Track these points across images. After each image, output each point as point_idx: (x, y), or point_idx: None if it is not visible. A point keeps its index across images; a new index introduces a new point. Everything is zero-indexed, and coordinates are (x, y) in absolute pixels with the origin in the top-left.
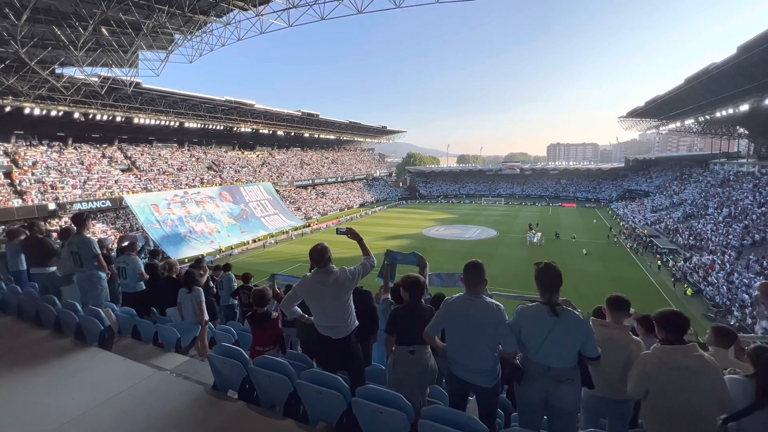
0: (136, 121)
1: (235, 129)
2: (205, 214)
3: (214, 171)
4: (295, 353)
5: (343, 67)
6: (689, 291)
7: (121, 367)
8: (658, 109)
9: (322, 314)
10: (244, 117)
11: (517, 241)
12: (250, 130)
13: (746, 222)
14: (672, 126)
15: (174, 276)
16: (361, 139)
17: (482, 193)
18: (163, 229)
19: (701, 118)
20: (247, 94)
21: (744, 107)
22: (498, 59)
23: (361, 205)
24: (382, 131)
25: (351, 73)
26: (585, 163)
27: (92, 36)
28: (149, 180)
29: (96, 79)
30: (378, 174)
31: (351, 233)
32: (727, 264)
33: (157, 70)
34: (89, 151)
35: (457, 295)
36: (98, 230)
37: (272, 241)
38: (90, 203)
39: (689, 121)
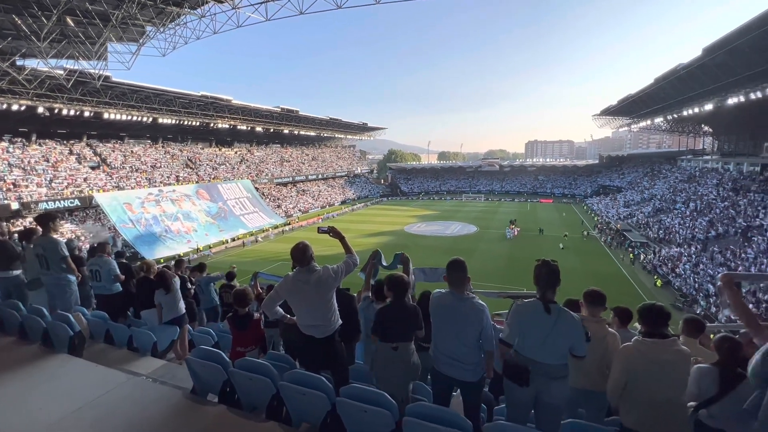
0: (105, 116)
1: (212, 125)
2: (182, 213)
3: (191, 168)
4: (276, 354)
5: (323, 63)
6: (659, 282)
7: (93, 374)
8: (630, 108)
9: (304, 314)
10: (221, 113)
11: (497, 237)
12: (227, 126)
13: (711, 216)
14: (642, 124)
15: (152, 277)
16: (342, 136)
17: (463, 189)
18: (137, 229)
19: (669, 117)
20: (226, 90)
21: (708, 106)
22: (478, 56)
23: (343, 203)
24: (363, 128)
25: (331, 69)
26: (561, 159)
27: (56, 26)
28: (121, 178)
29: (61, 72)
30: (359, 171)
31: (333, 232)
32: (693, 256)
33: (128, 64)
34: (55, 148)
35: (442, 291)
36: (66, 231)
37: (252, 240)
38: (57, 202)
39: (658, 120)
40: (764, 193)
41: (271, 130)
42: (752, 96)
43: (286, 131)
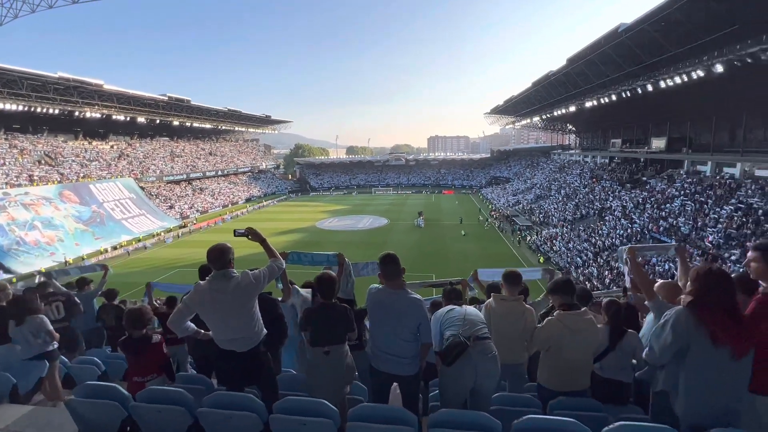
0: None
1: (77, 114)
2: (40, 220)
3: (49, 165)
4: (188, 375)
5: (220, 55)
6: (541, 259)
7: None
8: (514, 107)
9: (222, 327)
10: (90, 99)
11: (406, 228)
12: (99, 115)
13: (576, 200)
14: (524, 122)
15: (3, 304)
16: (243, 129)
17: (372, 183)
18: None
19: (544, 116)
20: (115, 81)
21: (572, 108)
22: (382, 51)
23: (248, 200)
24: (266, 120)
25: (227, 61)
26: (459, 153)
27: None
28: None
29: None
30: (264, 166)
31: (252, 234)
32: (566, 235)
33: None
34: None
35: (378, 286)
36: None
37: (140, 247)
38: None
39: (536, 119)
40: (612, 180)
41: (158, 122)
42: (603, 100)
43: (176, 123)
